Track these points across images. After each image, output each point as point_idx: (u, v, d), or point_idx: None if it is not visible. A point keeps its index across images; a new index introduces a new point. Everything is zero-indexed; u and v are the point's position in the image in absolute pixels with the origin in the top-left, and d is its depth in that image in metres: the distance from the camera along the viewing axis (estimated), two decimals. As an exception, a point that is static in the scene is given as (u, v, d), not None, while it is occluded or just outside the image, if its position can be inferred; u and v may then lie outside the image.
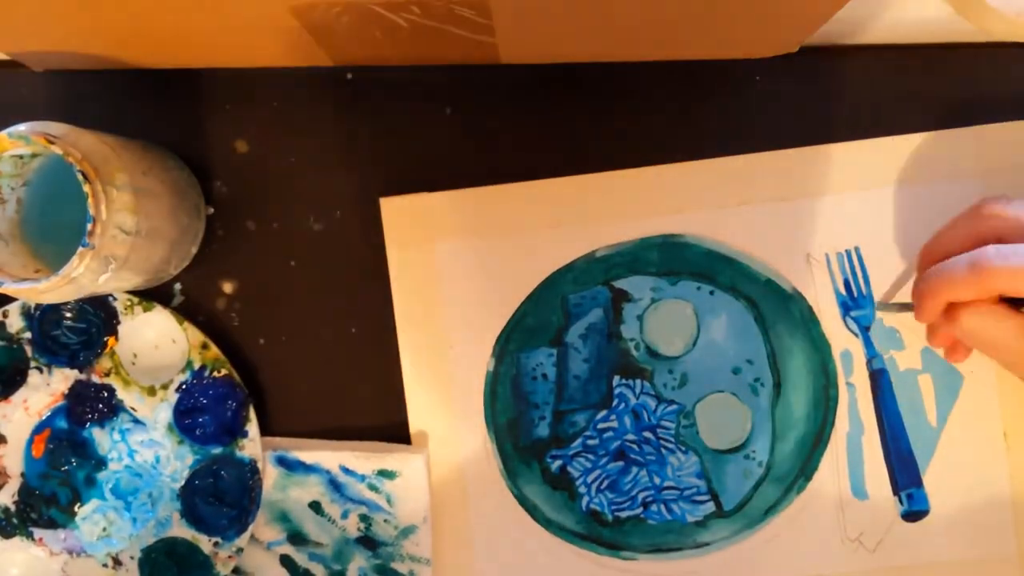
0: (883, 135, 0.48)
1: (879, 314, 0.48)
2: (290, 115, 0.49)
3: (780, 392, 0.49)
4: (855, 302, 0.48)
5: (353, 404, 0.49)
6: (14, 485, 0.49)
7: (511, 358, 0.49)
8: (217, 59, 0.48)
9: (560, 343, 0.49)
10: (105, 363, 0.48)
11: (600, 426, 0.49)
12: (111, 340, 0.48)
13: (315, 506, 0.49)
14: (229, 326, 0.50)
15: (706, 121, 0.49)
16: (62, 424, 0.49)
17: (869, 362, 0.48)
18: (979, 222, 0.42)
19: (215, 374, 0.48)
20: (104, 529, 0.49)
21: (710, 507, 0.49)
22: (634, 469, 0.49)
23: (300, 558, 0.49)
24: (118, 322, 0.48)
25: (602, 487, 0.49)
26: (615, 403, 0.49)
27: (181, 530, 0.49)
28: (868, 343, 0.48)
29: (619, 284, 0.49)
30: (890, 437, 0.48)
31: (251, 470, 0.48)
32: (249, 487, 0.48)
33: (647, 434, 0.49)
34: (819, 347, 0.49)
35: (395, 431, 0.49)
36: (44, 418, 0.49)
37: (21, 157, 0.43)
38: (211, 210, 0.50)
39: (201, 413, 0.48)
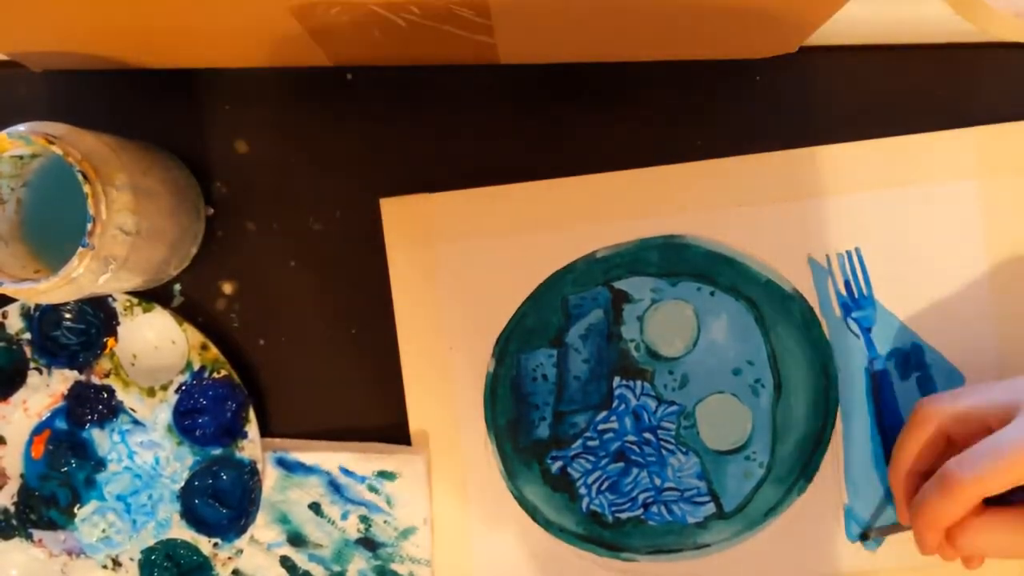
0: (883, 135, 0.48)
1: (873, 534, 0.48)
2: (290, 115, 0.49)
3: (780, 393, 0.49)
4: (856, 303, 0.48)
5: (353, 405, 0.49)
6: (13, 486, 0.49)
7: (511, 359, 0.49)
8: (217, 59, 0.48)
9: (560, 344, 0.49)
10: (105, 364, 0.48)
11: (600, 427, 0.49)
12: (111, 341, 0.48)
13: (315, 507, 0.49)
14: (229, 327, 0.50)
15: (706, 121, 0.49)
16: (62, 425, 0.49)
17: (870, 363, 0.48)
18: (924, 429, 0.43)
19: (215, 375, 0.48)
20: (103, 530, 0.49)
21: (710, 508, 0.49)
22: (634, 470, 0.49)
23: (300, 559, 0.49)
24: (118, 323, 0.48)
25: (602, 488, 0.49)
26: (615, 404, 0.49)
27: (181, 531, 0.49)
28: (869, 344, 0.48)
29: (619, 285, 0.49)
30: (891, 438, 0.48)
31: (251, 471, 0.48)
32: (249, 488, 0.48)
33: (647, 435, 0.49)
34: (820, 348, 0.48)
35: (395, 432, 0.49)
36: (44, 419, 0.49)
37: (21, 157, 0.43)
38: (211, 210, 0.49)
39: (201, 414, 0.48)
